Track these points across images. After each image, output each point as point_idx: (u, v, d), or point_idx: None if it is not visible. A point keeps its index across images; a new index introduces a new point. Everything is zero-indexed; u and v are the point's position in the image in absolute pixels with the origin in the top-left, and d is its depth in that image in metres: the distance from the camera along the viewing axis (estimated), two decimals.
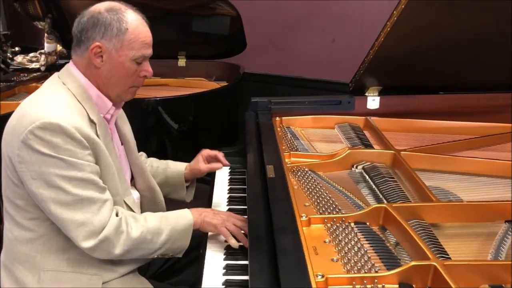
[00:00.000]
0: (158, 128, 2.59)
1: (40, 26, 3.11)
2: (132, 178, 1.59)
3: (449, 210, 1.28)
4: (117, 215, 1.31)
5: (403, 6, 1.51)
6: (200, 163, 1.72)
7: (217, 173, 1.99)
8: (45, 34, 2.99)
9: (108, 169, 1.33)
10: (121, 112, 1.58)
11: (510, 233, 1.21)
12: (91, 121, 1.31)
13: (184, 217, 1.42)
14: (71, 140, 1.21)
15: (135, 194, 1.56)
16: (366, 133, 1.96)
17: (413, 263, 1.03)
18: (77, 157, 1.22)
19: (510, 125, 1.88)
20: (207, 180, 1.96)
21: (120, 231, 1.28)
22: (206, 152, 1.75)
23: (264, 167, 1.52)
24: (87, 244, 1.24)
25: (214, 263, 1.37)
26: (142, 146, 2.47)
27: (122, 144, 1.54)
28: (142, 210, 1.59)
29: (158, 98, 2.61)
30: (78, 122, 1.25)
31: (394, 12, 1.54)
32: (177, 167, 1.74)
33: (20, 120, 1.23)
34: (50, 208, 1.22)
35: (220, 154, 1.74)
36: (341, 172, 1.65)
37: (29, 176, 1.21)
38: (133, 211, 1.43)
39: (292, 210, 1.26)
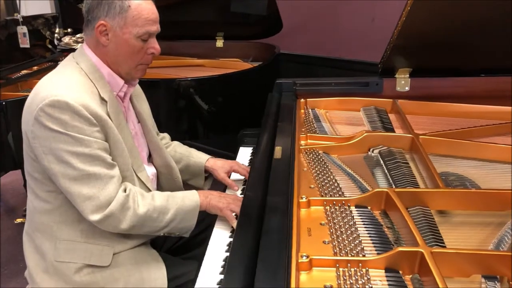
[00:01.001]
0: (189, 108, 2.62)
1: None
2: (150, 155, 1.64)
3: (454, 197, 1.23)
4: (125, 191, 1.36)
5: None
6: (222, 172, 1.72)
7: (240, 152, 2.01)
8: None
9: (118, 145, 1.38)
10: (138, 90, 1.62)
11: None
12: (102, 99, 1.36)
13: (190, 198, 1.45)
14: (78, 117, 1.27)
15: (152, 170, 1.61)
16: (392, 116, 1.89)
17: (400, 249, 1.00)
18: (84, 133, 1.28)
19: None
20: (230, 156, 1.98)
21: (127, 207, 1.34)
22: (236, 167, 1.74)
23: (274, 148, 1.52)
24: (93, 217, 1.30)
25: (219, 240, 1.41)
26: (172, 126, 2.52)
27: (138, 122, 1.59)
28: (160, 186, 1.65)
29: (189, 78, 2.64)
30: (86, 100, 1.30)
31: None
32: (200, 158, 1.76)
33: (34, 98, 1.30)
34: (60, 182, 1.29)
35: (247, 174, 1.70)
36: (357, 155, 1.61)
37: (41, 151, 1.28)
38: (146, 186, 1.48)
39: (291, 191, 1.25)
